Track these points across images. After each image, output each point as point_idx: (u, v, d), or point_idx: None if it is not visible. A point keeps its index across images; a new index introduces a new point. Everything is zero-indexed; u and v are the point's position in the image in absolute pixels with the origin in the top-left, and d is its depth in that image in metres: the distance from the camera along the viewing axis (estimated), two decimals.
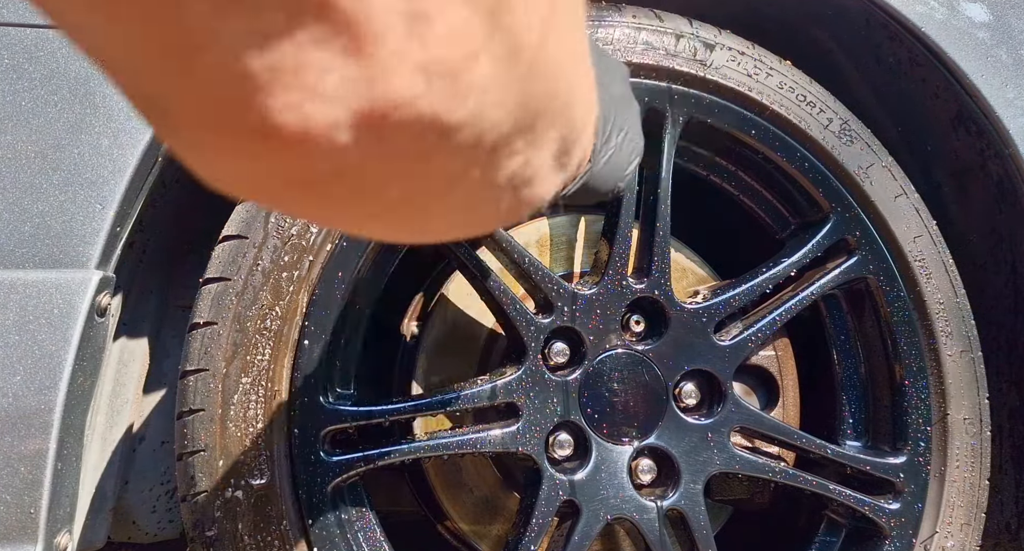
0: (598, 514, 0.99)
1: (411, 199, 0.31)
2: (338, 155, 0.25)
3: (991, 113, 1.10)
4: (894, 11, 1.09)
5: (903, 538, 1.08)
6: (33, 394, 0.84)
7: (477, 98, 0.27)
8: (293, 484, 0.92)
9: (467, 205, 0.34)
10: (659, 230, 1.03)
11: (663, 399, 1.03)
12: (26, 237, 0.86)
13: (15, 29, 0.88)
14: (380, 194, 0.29)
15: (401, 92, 0.24)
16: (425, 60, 0.24)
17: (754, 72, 1.06)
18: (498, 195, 0.34)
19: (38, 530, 0.83)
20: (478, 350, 1.10)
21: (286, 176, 0.27)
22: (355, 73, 0.23)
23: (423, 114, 0.25)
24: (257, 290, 0.92)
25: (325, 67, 0.23)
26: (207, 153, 0.26)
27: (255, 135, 0.24)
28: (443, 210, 0.33)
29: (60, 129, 0.88)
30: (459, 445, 0.96)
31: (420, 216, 0.33)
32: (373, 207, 0.30)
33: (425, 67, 0.24)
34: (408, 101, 0.25)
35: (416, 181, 0.30)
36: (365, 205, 0.30)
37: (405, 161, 0.27)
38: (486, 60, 0.26)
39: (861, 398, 1.15)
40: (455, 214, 0.35)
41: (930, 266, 1.10)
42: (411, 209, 0.32)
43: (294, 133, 0.24)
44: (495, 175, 0.32)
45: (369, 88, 0.24)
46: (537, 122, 0.31)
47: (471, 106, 0.27)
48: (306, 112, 0.24)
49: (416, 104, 0.25)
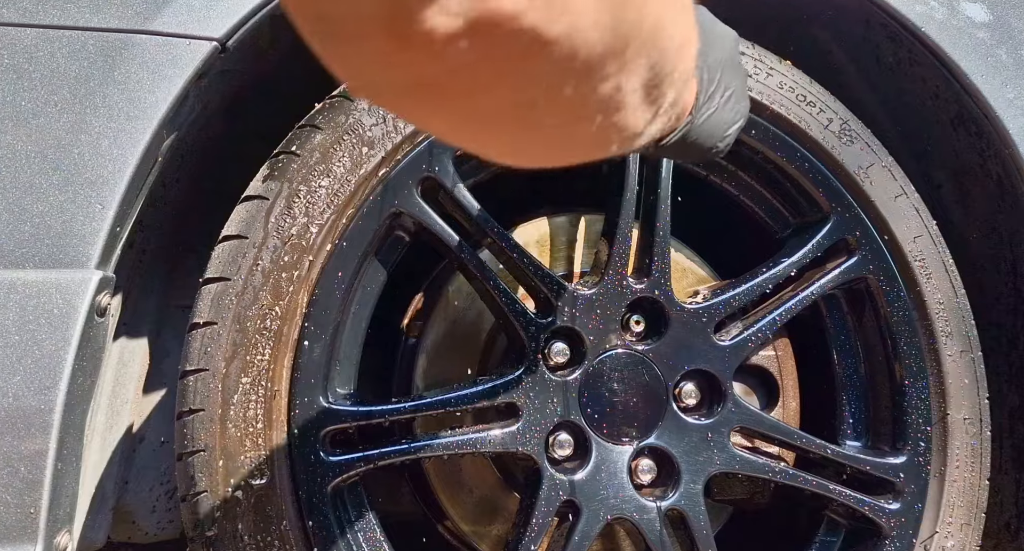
0: (598, 514, 0.99)
1: (513, 106, 0.36)
2: (458, 55, 0.31)
3: (991, 113, 1.10)
4: (894, 11, 1.09)
5: (903, 538, 1.08)
6: (33, 394, 0.84)
7: (571, 19, 0.31)
8: (293, 484, 0.92)
9: (563, 122, 0.38)
10: (659, 230, 1.03)
11: (663, 399, 1.03)
12: (26, 237, 0.86)
13: (15, 29, 0.88)
14: (489, 93, 0.34)
15: (507, 7, 0.30)
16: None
17: (754, 72, 1.06)
18: (591, 115, 0.38)
19: (38, 530, 0.83)
20: (478, 350, 1.10)
21: (416, 77, 0.32)
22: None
23: (524, 27, 0.31)
24: (257, 290, 0.92)
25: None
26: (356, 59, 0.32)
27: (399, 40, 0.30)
28: (540, 124, 0.38)
29: (60, 129, 0.88)
30: (459, 445, 0.96)
31: (520, 127, 0.38)
32: (482, 109, 0.35)
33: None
34: (513, 14, 0.30)
35: (518, 87, 0.34)
36: (476, 106, 0.35)
37: (509, 65, 0.32)
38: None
39: (861, 398, 1.15)
40: (552, 131, 0.39)
41: (930, 266, 1.10)
42: (513, 118, 0.37)
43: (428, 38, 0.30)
44: (588, 94, 0.36)
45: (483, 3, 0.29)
46: (628, 47, 0.35)
47: (565, 23, 0.31)
48: (436, 23, 0.29)
49: (519, 18, 0.30)
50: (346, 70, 0.34)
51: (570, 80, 0.35)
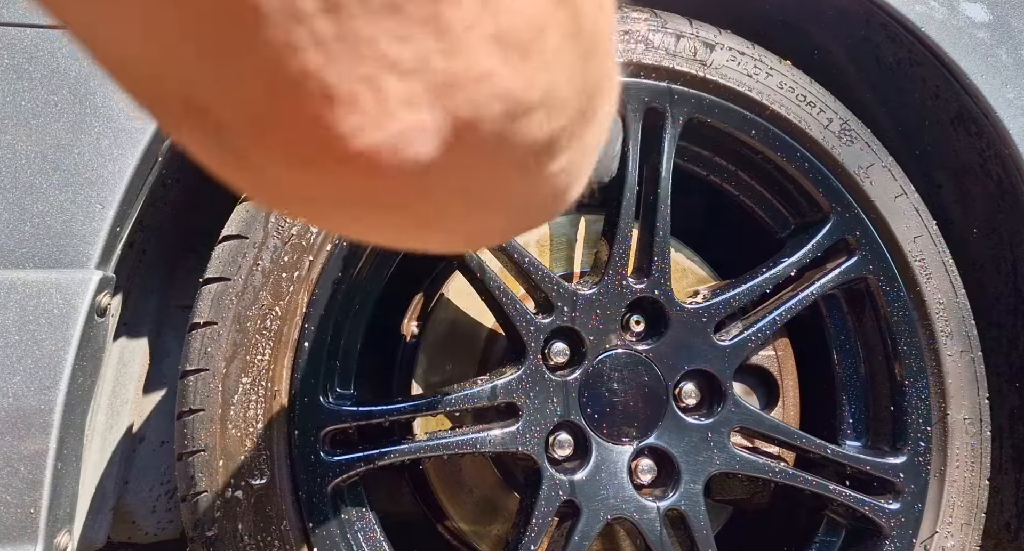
0: (598, 514, 0.99)
1: (481, 198, 0.29)
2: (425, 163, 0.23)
3: (991, 113, 1.10)
4: (894, 11, 1.09)
5: (903, 538, 1.08)
6: (33, 394, 0.84)
7: (550, 75, 0.25)
8: (293, 484, 0.92)
9: (526, 202, 0.32)
10: (659, 230, 1.03)
11: (663, 399, 1.03)
12: (26, 237, 0.86)
13: (15, 29, 0.88)
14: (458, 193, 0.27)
15: (479, 65, 0.23)
16: (498, 31, 0.23)
17: (754, 72, 1.06)
18: (555, 187, 0.32)
19: (38, 530, 0.83)
20: (478, 350, 1.10)
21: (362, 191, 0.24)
22: (433, 46, 0.22)
23: (499, 92, 0.23)
24: (257, 290, 0.92)
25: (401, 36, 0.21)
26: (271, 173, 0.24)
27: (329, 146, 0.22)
28: (504, 208, 0.31)
29: (60, 129, 0.88)
30: (459, 445, 0.96)
31: (480, 217, 0.31)
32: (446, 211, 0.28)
33: (499, 38, 0.23)
34: (486, 74, 0.23)
35: (486, 178, 0.27)
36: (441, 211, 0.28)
37: (481, 156, 0.25)
38: (554, 33, 0.25)
39: (861, 398, 1.15)
40: (514, 212, 0.32)
41: (930, 266, 1.10)
42: (478, 209, 0.30)
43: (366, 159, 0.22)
44: (555, 164, 0.30)
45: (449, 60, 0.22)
46: (594, 101, 0.30)
47: (545, 83, 0.25)
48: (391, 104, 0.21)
49: (493, 79, 0.23)
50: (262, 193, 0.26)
51: (543, 153, 0.28)
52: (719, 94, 1.05)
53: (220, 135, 0.23)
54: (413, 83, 0.22)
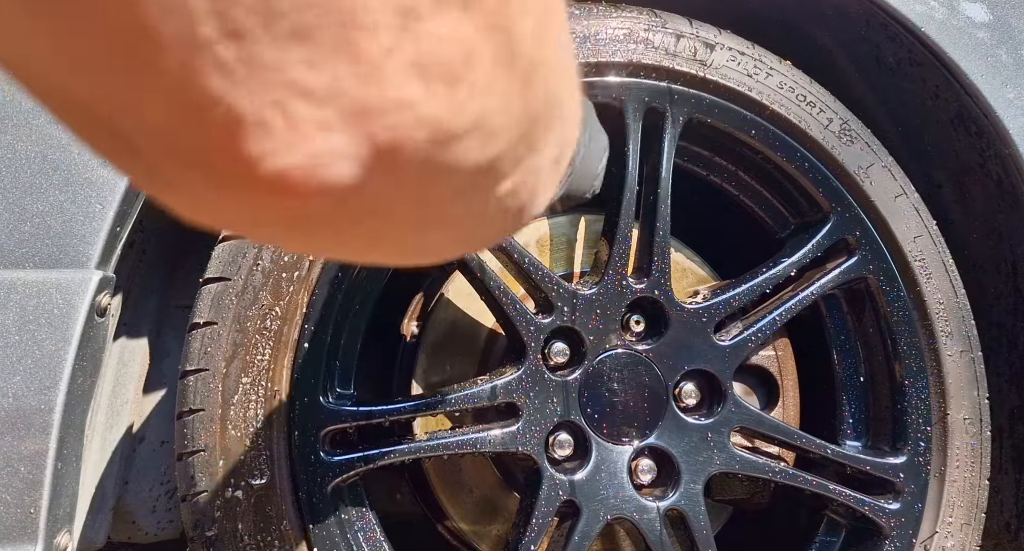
0: (598, 514, 0.99)
1: (417, 220, 0.29)
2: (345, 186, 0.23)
3: (991, 113, 1.10)
4: (894, 11, 1.09)
5: (903, 538, 1.08)
6: (33, 394, 0.84)
7: (481, 102, 0.24)
8: (293, 484, 0.92)
9: (471, 222, 0.32)
10: (659, 230, 1.03)
11: (663, 399, 1.03)
12: (26, 237, 0.86)
13: None
14: (388, 217, 0.27)
15: (397, 93, 0.22)
16: (418, 58, 0.22)
17: (754, 72, 1.06)
18: (504, 208, 0.31)
19: (38, 530, 0.83)
20: (478, 350, 1.10)
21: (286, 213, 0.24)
22: (347, 72, 0.21)
23: (422, 118, 0.23)
24: (257, 290, 0.92)
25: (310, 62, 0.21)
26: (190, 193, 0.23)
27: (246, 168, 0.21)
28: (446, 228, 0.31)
29: (60, 129, 0.88)
30: (459, 445, 0.96)
31: (420, 237, 0.31)
32: (380, 233, 0.28)
33: (419, 65, 0.22)
34: (406, 101, 0.22)
35: (422, 200, 0.27)
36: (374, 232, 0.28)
37: (410, 179, 0.25)
38: (483, 60, 0.24)
39: (861, 398, 1.15)
40: (458, 231, 0.32)
41: (930, 266, 1.10)
42: (415, 230, 0.30)
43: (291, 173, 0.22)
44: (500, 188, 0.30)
45: (364, 87, 0.22)
46: (538, 126, 0.29)
47: (476, 110, 0.24)
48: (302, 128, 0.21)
49: (415, 107, 0.23)
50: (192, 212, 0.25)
51: (483, 178, 0.28)
52: (719, 94, 1.05)
53: (138, 158, 0.23)
54: (326, 109, 0.22)
